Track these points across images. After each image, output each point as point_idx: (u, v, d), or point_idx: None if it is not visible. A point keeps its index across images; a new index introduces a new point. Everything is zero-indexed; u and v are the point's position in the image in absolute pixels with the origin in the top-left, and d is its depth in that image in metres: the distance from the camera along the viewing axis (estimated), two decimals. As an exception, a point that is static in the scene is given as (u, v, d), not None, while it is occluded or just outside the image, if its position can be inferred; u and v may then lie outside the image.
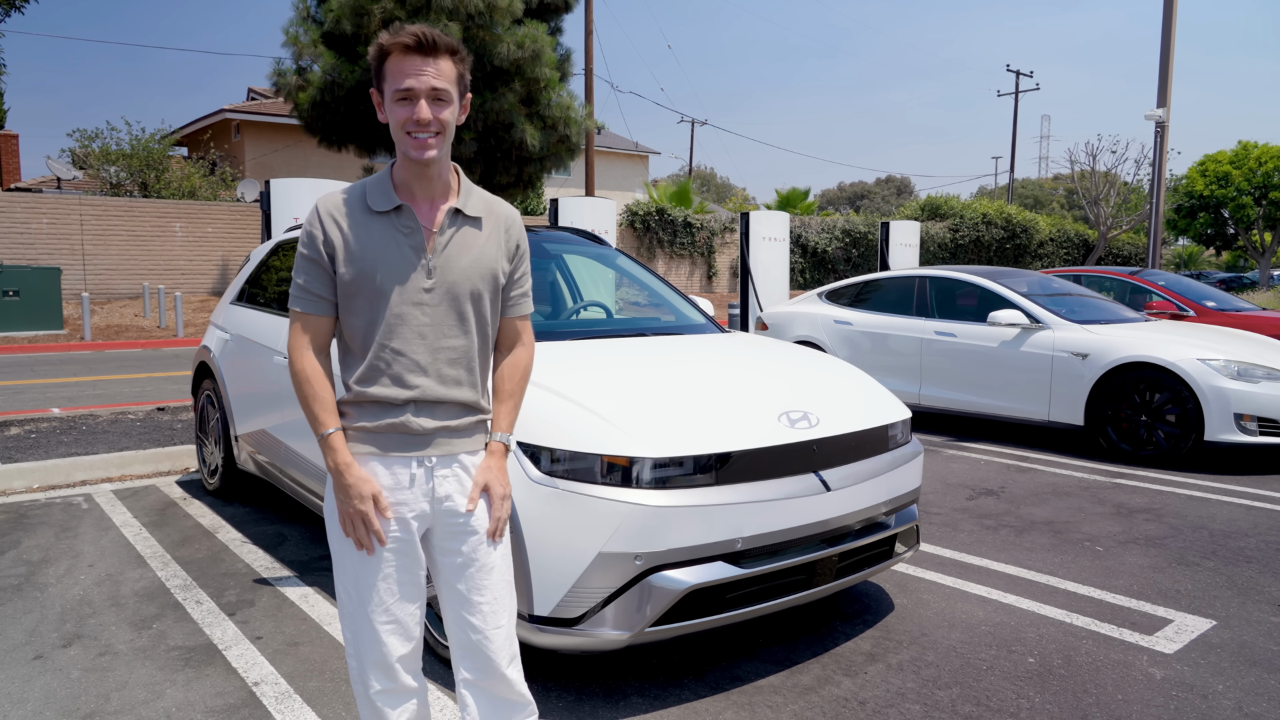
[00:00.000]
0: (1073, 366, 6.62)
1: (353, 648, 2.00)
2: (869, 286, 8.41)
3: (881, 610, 3.65)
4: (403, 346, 1.92)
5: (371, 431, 1.94)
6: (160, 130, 22.39)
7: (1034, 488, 5.73)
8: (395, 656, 1.97)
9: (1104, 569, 4.16)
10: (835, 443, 3.11)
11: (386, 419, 1.94)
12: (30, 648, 3.25)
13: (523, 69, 14.76)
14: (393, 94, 1.88)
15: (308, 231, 1.94)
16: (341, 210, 1.94)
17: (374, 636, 1.96)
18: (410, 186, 1.96)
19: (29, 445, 6.23)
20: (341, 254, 1.92)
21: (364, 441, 1.95)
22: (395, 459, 1.95)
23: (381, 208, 1.93)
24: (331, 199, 1.96)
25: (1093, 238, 33.38)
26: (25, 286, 15.16)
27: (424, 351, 1.94)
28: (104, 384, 10.17)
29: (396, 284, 1.91)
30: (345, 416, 1.97)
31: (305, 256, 1.94)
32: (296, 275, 1.95)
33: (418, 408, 1.94)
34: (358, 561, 1.95)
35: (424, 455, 1.96)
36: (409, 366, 1.93)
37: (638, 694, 2.92)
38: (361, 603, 1.96)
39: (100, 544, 4.44)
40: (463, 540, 1.99)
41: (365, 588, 1.95)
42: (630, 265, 4.85)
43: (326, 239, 1.92)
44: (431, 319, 1.94)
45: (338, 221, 1.93)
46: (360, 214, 1.94)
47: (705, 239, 27.20)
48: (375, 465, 1.94)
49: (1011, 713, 2.81)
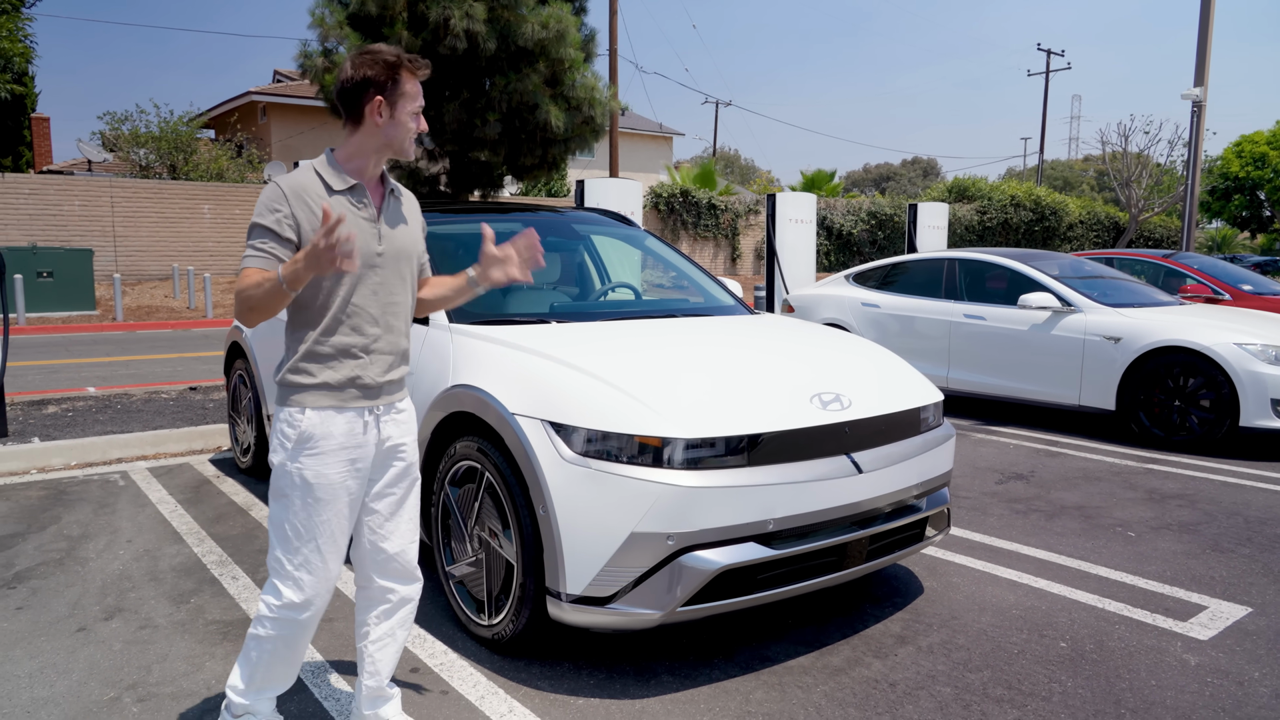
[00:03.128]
0: (1105, 350, 6.54)
1: (292, 579, 2.28)
2: (897, 269, 8.35)
3: (911, 593, 3.64)
4: (361, 302, 2.29)
5: (334, 387, 2.27)
6: (188, 113, 22.58)
7: (1064, 472, 5.68)
8: (335, 579, 2.34)
9: (1136, 554, 4.12)
10: (867, 425, 3.10)
11: (344, 369, 2.28)
12: (73, 620, 3.32)
13: (547, 49, 14.70)
14: (413, 110, 2.31)
15: (270, 207, 2.20)
16: (304, 189, 2.24)
17: (322, 564, 2.29)
18: (364, 171, 2.32)
19: (66, 423, 6.34)
20: (307, 226, 2.21)
21: (327, 395, 2.27)
22: (351, 410, 2.29)
23: (340, 187, 2.28)
24: (291, 180, 2.24)
25: (1124, 220, 32.87)
26: (59, 268, 15.38)
27: (376, 306, 2.32)
28: (136, 364, 10.32)
29: (358, 250, 2.24)
30: (304, 372, 2.27)
31: (266, 228, 2.19)
32: (253, 240, 2.20)
33: (370, 357, 2.31)
34: (316, 500, 2.25)
35: (374, 405, 2.34)
36: (366, 319, 2.30)
37: (668, 673, 2.94)
38: (313, 535, 2.27)
39: (137, 520, 4.53)
40: (400, 477, 2.42)
41: (320, 522, 2.27)
42: (659, 246, 4.84)
43: (293, 215, 2.21)
44: (382, 278, 2.33)
45: (303, 199, 2.22)
46: (320, 192, 2.26)
47: (729, 221, 27.07)
48: (336, 418, 2.27)
49: (1044, 696, 2.80)
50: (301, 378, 2.27)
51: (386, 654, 2.49)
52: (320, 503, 2.26)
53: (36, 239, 17.35)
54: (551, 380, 2.94)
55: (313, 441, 2.25)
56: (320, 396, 2.26)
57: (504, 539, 2.96)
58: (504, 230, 4.63)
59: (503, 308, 4.06)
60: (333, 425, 2.26)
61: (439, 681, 2.87)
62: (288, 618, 2.30)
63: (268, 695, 2.42)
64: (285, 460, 2.27)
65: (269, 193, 2.22)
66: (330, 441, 2.26)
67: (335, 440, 2.26)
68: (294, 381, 2.28)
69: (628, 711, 2.69)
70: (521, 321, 3.59)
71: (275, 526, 2.31)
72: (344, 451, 2.28)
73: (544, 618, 2.86)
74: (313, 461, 2.25)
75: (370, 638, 2.48)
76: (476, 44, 13.85)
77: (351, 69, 2.25)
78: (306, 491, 2.26)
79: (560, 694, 2.79)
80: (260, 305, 2.14)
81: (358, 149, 2.31)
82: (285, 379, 2.29)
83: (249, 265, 2.19)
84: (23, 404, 6.98)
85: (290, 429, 2.26)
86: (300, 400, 2.27)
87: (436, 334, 3.46)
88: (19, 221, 17.44)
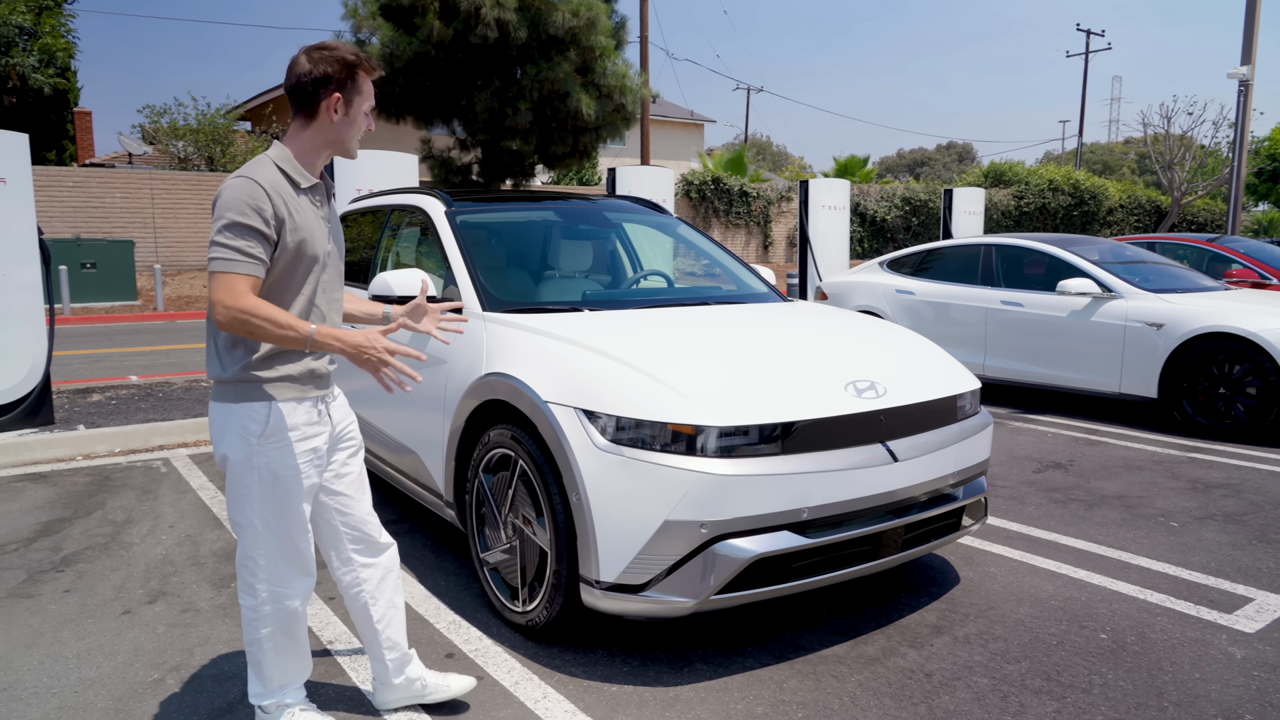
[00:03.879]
0: (1147, 337, 6.41)
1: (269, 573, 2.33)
2: (932, 255, 8.24)
3: (947, 583, 3.61)
4: (319, 299, 2.35)
5: (296, 379, 2.31)
6: (225, 105, 22.85)
7: (1104, 461, 5.58)
8: (312, 562, 2.40)
9: (1179, 545, 4.05)
10: (903, 413, 3.06)
11: (304, 362, 2.32)
12: (119, 603, 3.39)
13: (578, 37, 14.68)
14: (367, 108, 2.34)
15: (251, 205, 2.15)
16: (279, 188, 2.23)
17: (297, 554, 2.35)
18: (315, 168, 2.34)
19: (110, 411, 6.47)
20: (288, 225, 2.23)
21: (290, 386, 2.31)
22: (310, 399, 2.35)
23: (305, 184, 2.29)
24: (265, 177, 2.20)
25: (1165, 204, 32.15)
26: (101, 259, 15.69)
27: (326, 302, 2.38)
28: (177, 353, 10.51)
29: (320, 247, 2.32)
30: (267, 367, 2.27)
31: (249, 226, 2.15)
32: (236, 241, 2.14)
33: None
34: (286, 491, 2.29)
35: (326, 394, 2.42)
36: (318, 316, 2.36)
37: (702, 660, 2.94)
38: (284, 526, 2.32)
39: (179, 506, 4.61)
40: (353, 454, 2.50)
41: (290, 512, 2.32)
42: (691, 234, 4.81)
43: (275, 213, 2.20)
44: (331, 276, 2.39)
45: (282, 197, 2.22)
46: (291, 190, 2.26)
47: (761, 208, 26.89)
48: (298, 409, 2.32)
49: (1083, 689, 2.76)
50: (266, 372, 2.26)
51: (395, 626, 2.58)
52: (289, 493, 2.30)
53: (80, 231, 17.70)
54: (584, 368, 2.94)
55: (280, 433, 2.27)
56: (285, 389, 2.29)
57: (538, 526, 2.97)
58: (537, 218, 4.64)
59: (536, 296, 4.07)
60: (296, 416, 2.30)
61: (474, 667, 2.89)
62: (276, 610, 2.35)
63: (294, 686, 2.47)
64: (250, 455, 2.26)
65: (247, 189, 2.15)
66: (296, 433, 2.30)
67: (299, 431, 2.31)
68: (257, 377, 2.25)
69: (661, 699, 2.70)
70: (554, 309, 3.60)
71: (244, 525, 2.32)
72: (307, 441, 2.33)
73: (577, 605, 2.87)
74: (282, 453, 2.28)
75: (374, 619, 2.54)
76: (507, 33, 13.87)
77: (309, 64, 2.22)
78: (275, 485, 2.28)
79: (594, 680, 2.80)
80: (264, 338, 2.15)
81: (310, 144, 2.30)
82: (245, 375, 2.25)
83: (238, 270, 2.13)
84: (68, 392, 7.14)
85: (254, 424, 2.25)
86: (268, 392, 2.26)
87: (470, 322, 3.47)
88: (63, 214, 17.80)
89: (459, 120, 15.36)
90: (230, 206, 2.13)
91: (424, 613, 3.30)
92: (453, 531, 4.24)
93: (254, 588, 2.35)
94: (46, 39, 20.39)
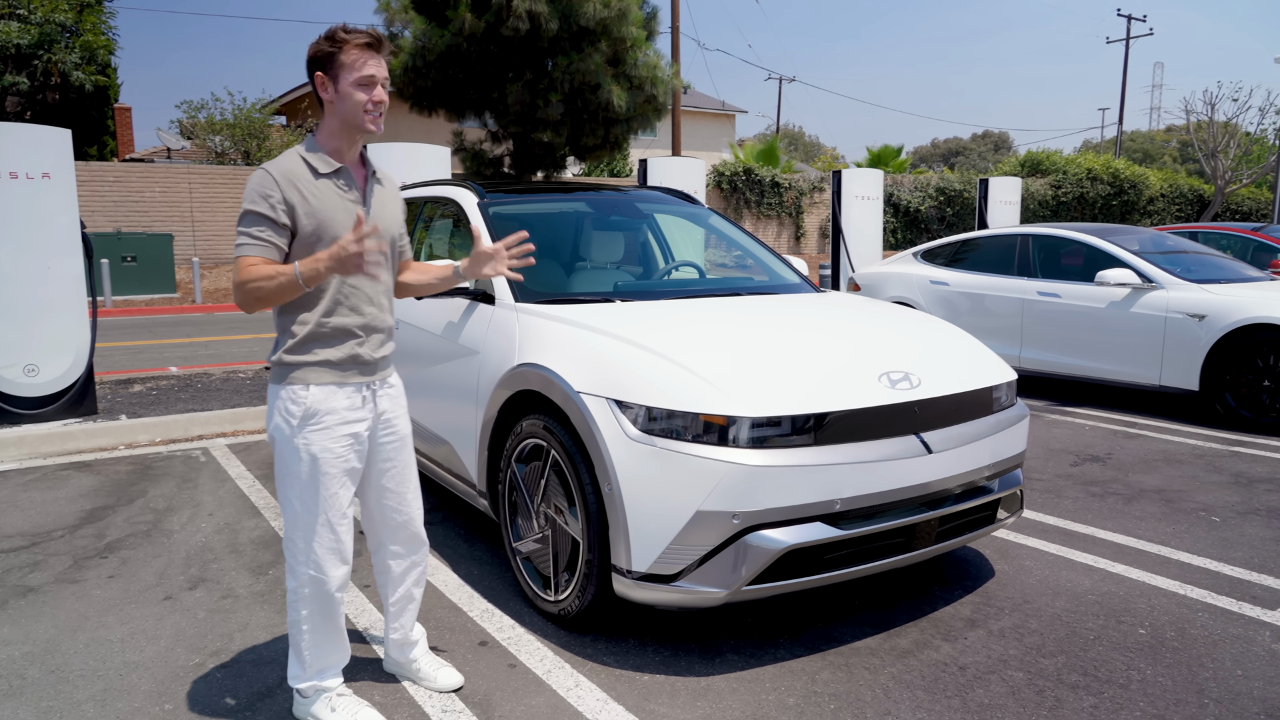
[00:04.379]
0: (1188, 328, 6.28)
1: (305, 556, 2.38)
2: (967, 245, 8.13)
3: (982, 576, 3.57)
4: (357, 283, 2.39)
5: (335, 364, 2.36)
6: (261, 100, 23.15)
7: (1143, 454, 5.49)
8: (349, 549, 2.44)
9: (1221, 540, 3.97)
10: (937, 404, 3.03)
11: (345, 348, 2.37)
12: (160, 589, 3.47)
13: (609, 29, 14.64)
14: (356, 80, 2.29)
15: (261, 193, 2.26)
16: (293, 174, 2.30)
17: (334, 538, 2.39)
18: (342, 153, 2.38)
19: (151, 401, 6.60)
20: (301, 209, 2.28)
21: (329, 371, 2.36)
22: (351, 386, 2.39)
23: (325, 170, 2.34)
24: (279, 167, 2.30)
25: (1209, 193, 31.44)
26: (141, 252, 15.97)
27: (369, 286, 2.42)
28: (215, 344, 10.68)
29: (342, 229, 2.31)
30: (306, 350, 2.34)
31: (259, 214, 2.26)
32: (248, 228, 2.27)
33: (367, 334, 2.41)
34: (322, 474, 2.34)
35: (370, 380, 2.45)
36: (362, 299, 2.40)
37: (733, 651, 2.94)
38: (322, 510, 2.36)
39: (218, 494, 4.70)
40: (396, 448, 2.54)
41: (327, 496, 2.36)
42: (722, 224, 4.80)
43: (285, 199, 2.27)
44: (372, 259, 2.37)
45: (294, 184, 2.29)
46: (308, 176, 2.32)
47: (793, 199, 26.71)
48: (337, 393, 2.36)
49: (1121, 684, 2.73)
50: (304, 356, 2.34)
51: (407, 613, 2.71)
52: (326, 476, 2.36)
53: (120, 225, 18.04)
54: (616, 358, 2.94)
55: (317, 417, 2.34)
56: (323, 373, 2.35)
57: (570, 516, 2.98)
58: (569, 209, 4.65)
59: (567, 287, 4.07)
60: (335, 400, 2.36)
61: (506, 655, 2.92)
62: (315, 593, 2.42)
63: (331, 674, 2.53)
64: (290, 437, 2.35)
65: (259, 179, 2.27)
66: (333, 416, 2.36)
67: (338, 415, 2.36)
68: (297, 361, 2.34)
69: (693, 689, 2.70)
70: (586, 300, 3.60)
71: (286, 506, 2.40)
72: (346, 426, 2.38)
73: (609, 594, 2.89)
74: (318, 436, 2.34)
75: (391, 599, 2.69)
76: (539, 25, 13.87)
77: (307, 55, 2.34)
78: (312, 466, 2.34)
79: (626, 670, 2.81)
80: (270, 297, 2.23)
81: (327, 130, 2.38)
82: (285, 359, 2.35)
83: (248, 254, 2.25)
84: (111, 383, 7.29)
85: (295, 406, 2.34)
86: (303, 378, 2.34)
87: (502, 313, 3.49)
88: (104, 208, 18.15)
89: (490, 113, 15.40)
90: (245, 197, 2.29)
91: (457, 601, 3.34)
92: (485, 521, 4.27)
93: (295, 569, 2.43)
94: (88, 36, 20.75)
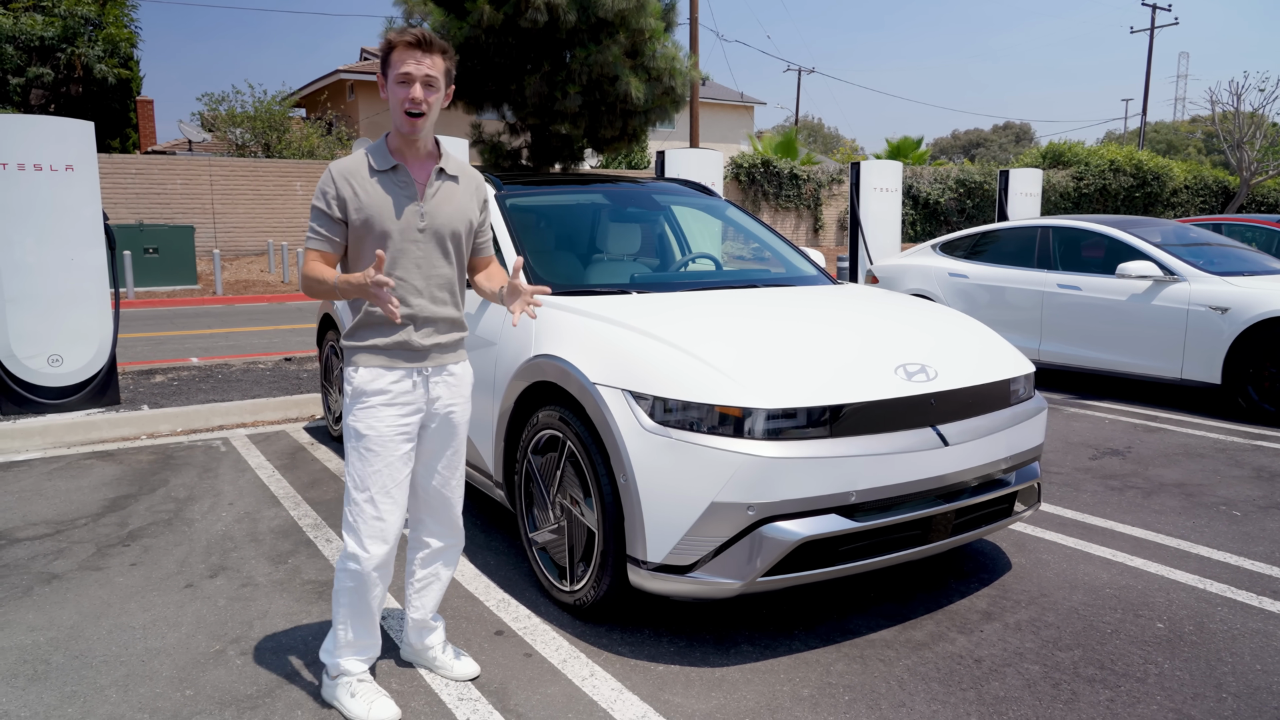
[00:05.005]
0: (1211, 321, 6.21)
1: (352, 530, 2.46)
2: (986, 238, 8.07)
3: (999, 569, 3.56)
4: (404, 274, 2.45)
5: (382, 349, 2.46)
6: (281, 92, 23.30)
7: (1164, 448, 5.44)
8: (392, 531, 2.48)
9: (1242, 534, 3.93)
10: (954, 397, 3.02)
11: (394, 335, 2.45)
12: (181, 577, 3.51)
13: (627, 20, 14.60)
14: (394, 77, 2.37)
15: (321, 190, 2.43)
16: (350, 171, 2.43)
17: (377, 515, 2.45)
18: (403, 151, 2.48)
19: (172, 392, 6.67)
20: (352, 205, 2.41)
21: (377, 355, 2.45)
22: (400, 369, 2.47)
23: (382, 167, 2.44)
24: (342, 164, 2.44)
25: (1233, 185, 31.01)
26: (163, 244, 16.11)
27: (420, 278, 2.47)
28: (235, 335, 10.78)
29: (397, 226, 2.43)
30: (359, 336, 2.47)
31: (319, 209, 2.43)
32: (313, 223, 2.45)
33: (416, 324, 2.47)
34: (368, 451, 2.43)
35: (422, 366, 2.50)
36: (410, 290, 2.46)
37: (748, 642, 2.94)
38: (367, 485, 2.44)
39: (238, 484, 4.75)
40: (448, 434, 2.58)
41: (371, 473, 2.43)
42: (740, 216, 4.79)
43: (338, 195, 2.41)
44: (424, 253, 2.47)
45: (349, 181, 2.42)
46: (365, 173, 2.44)
47: (812, 191, 26.59)
48: (385, 375, 2.45)
49: (1138, 678, 2.71)
50: (357, 340, 2.48)
51: (429, 594, 2.73)
52: (372, 454, 2.44)
53: (142, 216, 18.21)
54: (632, 350, 2.95)
55: (365, 396, 2.44)
56: (371, 356, 2.46)
57: (585, 507, 3.00)
58: (586, 201, 4.66)
59: (584, 279, 4.08)
60: (382, 381, 2.45)
61: (522, 644, 2.94)
62: (353, 569, 2.48)
63: (358, 657, 2.56)
64: (346, 414, 2.49)
65: (323, 177, 2.44)
66: (381, 398, 2.44)
67: (386, 396, 2.45)
68: (351, 345, 2.49)
69: (708, 679, 2.71)
70: (602, 292, 3.61)
71: (346, 479, 2.52)
72: (393, 408, 2.45)
73: (625, 585, 2.90)
74: (365, 414, 2.44)
75: (415, 576, 2.73)
76: (557, 16, 13.86)
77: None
78: (360, 442, 2.45)
79: (641, 660, 2.83)
80: (320, 295, 2.42)
81: (392, 128, 2.48)
82: (344, 343, 2.52)
83: (309, 246, 2.47)
84: (133, 373, 7.37)
85: (348, 385, 2.48)
86: (355, 360, 2.47)
87: (519, 305, 3.50)
88: (126, 200, 18.33)
89: (509, 104, 15.41)
90: (314, 193, 2.46)
91: (474, 591, 3.36)
92: (502, 511, 4.30)
93: (346, 543, 2.50)
94: (110, 29, 20.94)
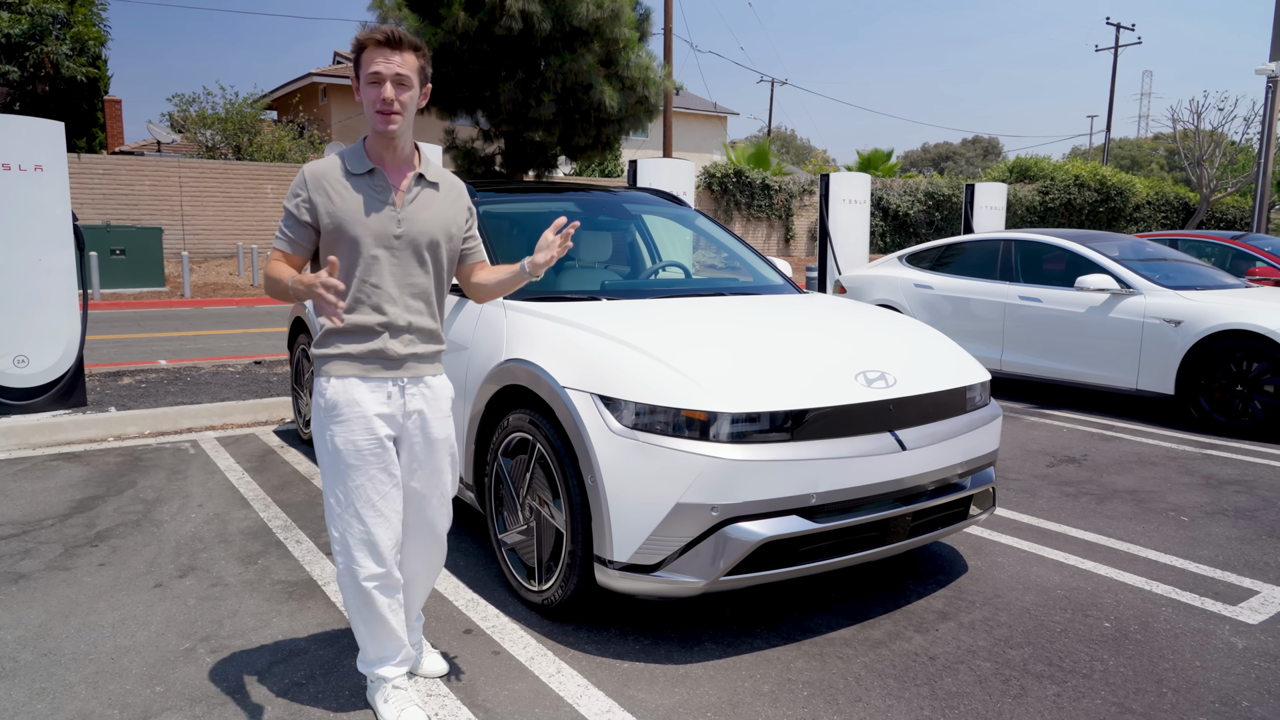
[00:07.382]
0: (1165, 333, 6.41)
1: (341, 545, 2.39)
2: (951, 250, 8.25)
3: (955, 571, 3.67)
4: (379, 281, 2.37)
5: (356, 358, 2.37)
6: (252, 94, 23.13)
7: (1118, 456, 5.61)
8: (383, 546, 2.39)
9: (1188, 539, 4.08)
10: (912, 403, 3.13)
11: (367, 343, 2.37)
12: (150, 577, 3.53)
13: (602, 29, 14.73)
14: (366, 77, 2.30)
15: (294, 191, 2.37)
16: (324, 174, 2.37)
17: (364, 530, 2.37)
18: (380, 155, 2.40)
19: (140, 394, 6.64)
20: (323, 209, 2.34)
21: (350, 364, 2.37)
22: (374, 380, 2.38)
23: (358, 171, 2.38)
24: (316, 166, 2.38)
25: (1194, 201, 31.76)
26: (130, 246, 15.95)
27: (394, 286, 2.39)
28: (204, 338, 10.70)
29: (372, 231, 2.35)
30: (330, 344, 2.38)
31: (288, 210, 2.38)
32: (282, 224, 2.40)
33: (391, 333, 2.38)
34: (346, 466, 2.35)
35: (397, 376, 2.41)
36: (384, 298, 2.37)
37: (711, 640, 3.02)
38: (350, 502, 2.36)
39: (207, 486, 4.75)
40: (425, 449, 2.48)
41: (353, 488, 2.35)
42: (709, 226, 4.88)
43: (309, 199, 2.35)
44: (400, 260, 2.39)
45: (322, 183, 2.35)
46: (339, 177, 2.37)
47: (783, 201, 26.86)
48: (360, 386, 2.37)
49: (1084, 674, 2.83)
50: (328, 350, 2.38)
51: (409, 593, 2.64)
52: (351, 469, 2.34)
53: (109, 218, 18.00)
54: (601, 355, 3.03)
55: (338, 409, 2.34)
56: (345, 366, 2.36)
57: (554, 508, 3.06)
58: (558, 209, 4.73)
59: (555, 285, 4.15)
60: (356, 393, 2.35)
61: (491, 643, 2.99)
62: (352, 583, 2.42)
63: (388, 665, 2.51)
64: (318, 429, 2.39)
65: (296, 177, 2.39)
66: (355, 409, 2.34)
67: (359, 408, 2.34)
68: (322, 354, 2.39)
69: (671, 675, 2.79)
70: (573, 298, 3.68)
71: (325, 495, 2.42)
72: (368, 420, 2.35)
73: (592, 584, 2.97)
74: (340, 428, 2.34)
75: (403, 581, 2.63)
76: (532, 24, 13.94)
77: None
78: (337, 458, 2.35)
79: (606, 657, 2.90)
80: (278, 295, 2.34)
81: (370, 134, 2.43)
82: (314, 352, 2.42)
83: (275, 246, 2.42)
84: (100, 375, 7.32)
85: (320, 398, 2.37)
86: (327, 370, 2.37)
87: (491, 310, 3.57)
88: (93, 200, 18.10)
89: (483, 111, 15.46)
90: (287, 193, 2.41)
91: (443, 590, 3.41)
92: (472, 513, 4.34)
93: (336, 558, 2.43)
94: (79, 28, 20.70)
